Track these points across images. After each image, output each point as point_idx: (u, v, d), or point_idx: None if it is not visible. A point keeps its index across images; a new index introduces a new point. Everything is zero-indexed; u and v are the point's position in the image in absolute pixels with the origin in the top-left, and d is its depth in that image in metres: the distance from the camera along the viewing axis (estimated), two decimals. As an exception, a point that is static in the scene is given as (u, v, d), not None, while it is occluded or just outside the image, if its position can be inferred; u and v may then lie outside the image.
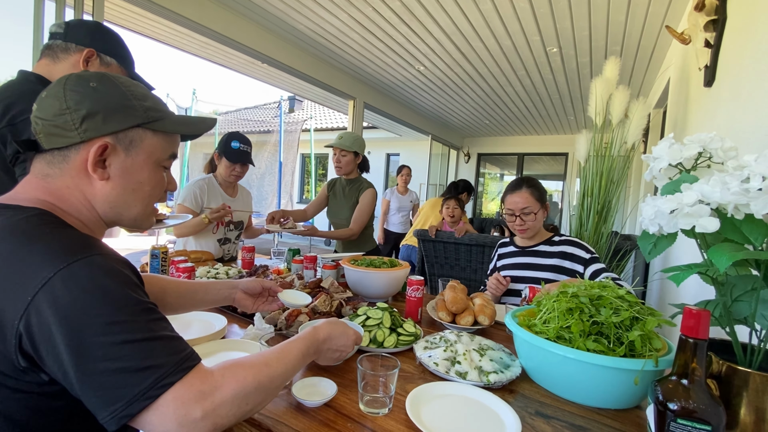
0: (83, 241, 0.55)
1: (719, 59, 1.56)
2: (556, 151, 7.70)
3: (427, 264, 3.37)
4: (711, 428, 0.55)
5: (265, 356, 0.62)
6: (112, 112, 0.60)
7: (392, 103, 5.50)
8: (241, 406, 0.54)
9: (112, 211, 0.64)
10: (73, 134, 0.58)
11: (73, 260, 0.50)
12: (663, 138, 0.79)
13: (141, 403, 0.48)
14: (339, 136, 2.30)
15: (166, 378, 0.50)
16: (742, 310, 0.68)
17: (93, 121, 0.59)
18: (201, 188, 2.01)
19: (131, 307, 0.52)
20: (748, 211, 0.60)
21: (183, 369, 0.52)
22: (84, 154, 0.60)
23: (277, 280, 1.36)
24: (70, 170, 0.60)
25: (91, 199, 0.62)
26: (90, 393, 0.48)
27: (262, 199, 7.27)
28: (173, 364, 0.51)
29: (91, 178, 0.61)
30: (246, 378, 0.56)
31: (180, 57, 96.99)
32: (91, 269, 0.51)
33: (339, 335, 0.81)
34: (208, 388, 0.52)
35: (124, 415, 0.48)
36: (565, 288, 0.92)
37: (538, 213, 1.55)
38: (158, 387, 0.49)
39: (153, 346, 0.51)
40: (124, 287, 0.53)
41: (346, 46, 3.66)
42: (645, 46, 3.19)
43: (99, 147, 0.59)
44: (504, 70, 4.04)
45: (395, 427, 0.70)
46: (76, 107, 0.58)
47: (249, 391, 0.55)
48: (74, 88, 0.60)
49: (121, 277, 0.54)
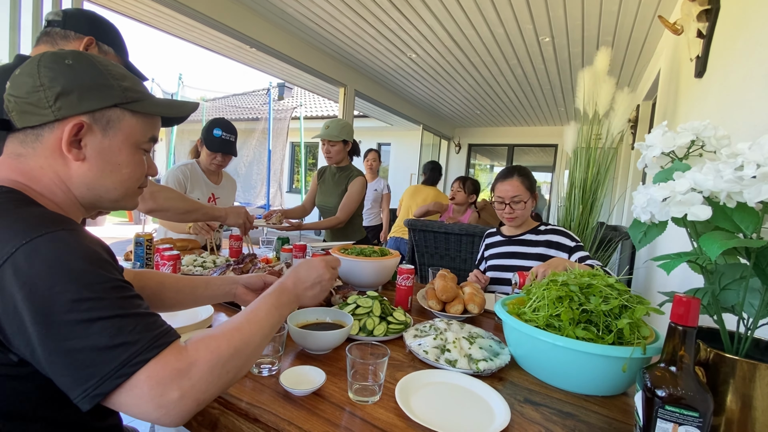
0: (50, 217, 0.53)
1: (711, 50, 1.56)
2: (545, 142, 7.74)
3: (417, 254, 3.37)
4: (699, 414, 0.56)
5: (234, 321, 0.60)
6: (88, 90, 0.57)
7: (383, 92, 5.43)
8: (221, 375, 0.53)
9: (90, 193, 0.62)
10: (46, 112, 0.56)
11: (36, 235, 0.48)
12: (654, 127, 0.78)
13: (113, 381, 0.46)
14: (325, 125, 2.24)
15: (140, 355, 0.47)
16: (730, 299, 0.68)
17: (67, 99, 0.56)
18: (183, 173, 1.96)
19: (100, 284, 0.49)
20: (741, 199, 0.60)
21: (158, 345, 0.49)
22: (58, 133, 0.57)
23: (266, 269, 1.34)
24: (44, 150, 0.58)
25: (66, 180, 0.59)
26: (60, 372, 0.47)
27: (251, 188, 7.17)
28: (147, 341, 0.49)
29: (65, 158, 0.58)
30: (220, 347, 0.54)
31: (165, 40, 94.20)
32: (56, 244, 0.49)
33: (306, 271, 0.78)
34: (184, 365, 0.50)
35: (96, 394, 0.46)
36: (555, 276, 0.92)
37: (528, 202, 1.56)
38: (131, 365, 0.47)
39: (125, 323, 0.49)
40: (93, 264, 0.50)
41: (337, 32, 3.58)
42: (636, 38, 3.19)
43: (74, 126, 0.57)
44: (496, 59, 4.02)
45: (384, 415, 0.69)
46: (50, 84, 0.56)
47: (226, 359, 0.54)
48: (49, 65, 0.57)
49: (89, 254, 0.51)
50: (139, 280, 0.83)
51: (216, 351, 0.53)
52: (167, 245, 1.41)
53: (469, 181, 3.40)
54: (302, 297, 0.76)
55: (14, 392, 0.51)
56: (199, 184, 2.00)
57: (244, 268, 1.40)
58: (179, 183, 1.93)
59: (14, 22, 1.98)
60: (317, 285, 0.79)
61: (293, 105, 7.86)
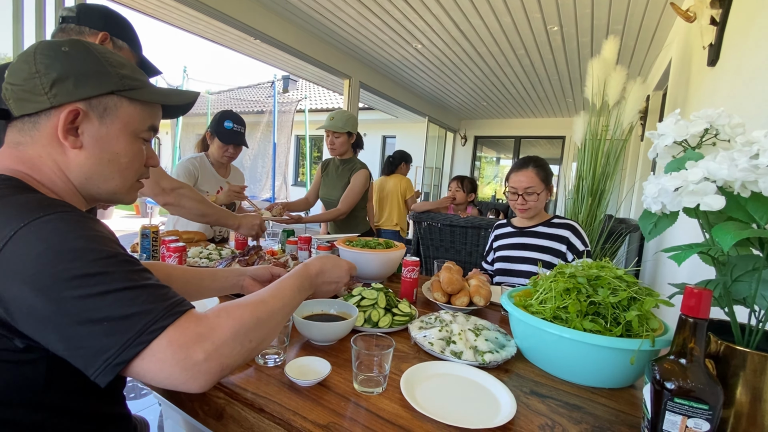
0: (48, 201, 0.52)
1: (724, 37, 1.52)
2: (553, 134, 7.65)
3: (422, 246, 3.37)
4: (708, 407, 0.55)
5: (260, 294, 0.61)
6: (84, 76, 0.57)
7: (389, 83, 5.39)
8: (243, 343, 0.53)
9: (89, 183, 0.61)
10: (42, 99, 0.55)
11: (34, 218, 0.48)
12: (667, 116, 0.76)
13: (134, 349, 0.46)
14: (330, 117, 2.23)
15: (157, 323, 0.47)
16: (742, 291, 0.67)
17: (63, 85, 0.56)
18: (194, 165, 1.97)
19: (105, 258, 0.49)
20: (756, 189, 0.58)
21: (174, 313, 0.49)
22: (54, 120, 0.57)
23: (271, 261, 1.34)
24: (41, 138, 0.57)
25: (64, 169, 0.59)
26: (75, 350, 0.46)
27: (256, 181, 7.19)
28: (162, 309, 0.49)
29: (63, 146, 0.58)
30: (243, 315, 0.54)
31: (169, 32, 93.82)
32: (56, 224, 0.48)
33: (331, 267, 0.81)
34: (206, 330, 0.50)
35: (118, 362, 0.45)
36: (563, 268, 0.91)
37: (541, 194, 1.54)
38: (149, 332, 0.46)
39: (136, 294, 0.48)
40: (95, 240, 0.50)
41: (341, 22, 3.54)
42: (647, 26, 3.12)
43: (69, 112, 0.56)
44: (503, 49, 3.95)
45: (390, 406, 0.69)
46: (45, 71, 0.55)
47: (249, 327, 0.54)
48: (45, 52, 0.57)
49: (89, 231, 0.50)
50: None
51: (240, 318, 0.54)
52: (173, 237, 1.42)
53: (467, 180, 3.49)
54: (318, 290, 0.78)
55: (18, 379, 0.51)
56: (207, 178, 2.01)
57: (249, 260, 1.40)
58: (191, 174, 1.94)
59: (17, 14, 1.98)
60: (333, 284, 0.82)
61: (298, 97, 7.83)
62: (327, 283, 0.80)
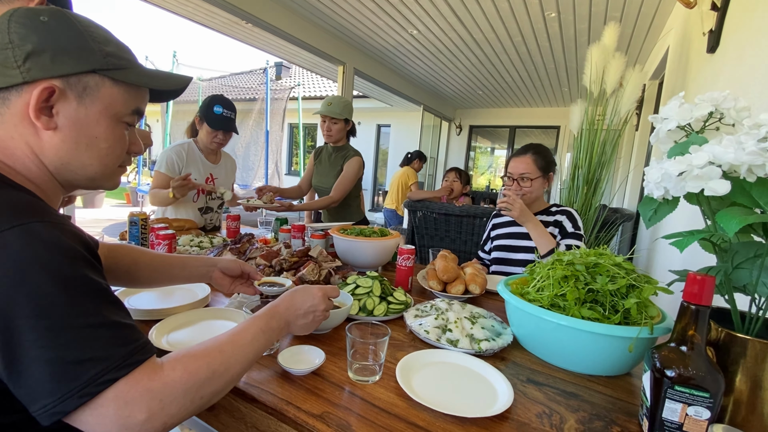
0: (23, 205, 0.47)
1: (725, 23, 1.49)
2: (548, 124, 7.63)
3: (417, 235, 3.36)
4: (709, 395, 0.54)
5: (219, 340, 0.56)
6: (63, 51, 0.51)
7: (384, 70, 5.30)
8: (194, 400, 0.49)
9: (65, 168, 0.56)
10: (14, 73, 0.50)
11: (5, 227, 0.43)
12: (670, 99, 0.74)
13: (77, 401, 0.42)
14: (327, 102, 2.17)
15: (109, 373, 0.43)
16: (742, 278, 0.66)
17: (39, 59, 0.50)
18: (178, 154, 1.88)
19: (76, 287, 0.45)
20: (763, 173, 0.57)
21: (130, 363, 0.45)
22: (26, 97, 0.51)
23: (264, 250, 1.32)
24: (12, 117, 0.52)
25: (38, 152, 0.54)
26: (19, 383, 0.42)
27: (248, 169, 7.09)
28: (119, 357, 0.44)
29: (35, 127, 0.53)
30: (199, 369, 0.50)
31: (158, 15, 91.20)
32: (29, 239, 0.44)
33: (302, 297, 0.73)
34: (157, 385, 0.46)
35: (56, 411, 0.42)
36: (561, 256, 0.90)
37: (536, 181, 1.52)
38: (99, 383, 0.42)
39: (97, 334, 0.44)
40: (69, 263, 0.45)
41: (335, 6, 3.46)
42: (645, 13, 3.08)
43: (43, 89, 0.51)
44: (500, 36, 3.90)
45: (385, 395, 0.68)
46: (19, 42, 0.50)
47: (202, 382, 0.50)
48: (20, 20, 0.51)
49: (66, 251, 0.46)
50: (113, 256, 0.80)
51: (194, 373, 0.50)
52: (162, 224, 1.38)
53: (464, 172, 3.73)
54: (293, 324, 0.71)
55: None
56: (195, 164, 1.94)
57: (241, 248, 1.38)
58: (172, 164, 1.86)
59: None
60: (310, 314, 0.73)
61: (291, 85, 7.70)
62: (301, 316, 0.72)
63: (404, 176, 4.56)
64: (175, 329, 0.87)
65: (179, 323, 0.90)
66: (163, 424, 0.46)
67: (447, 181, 3.64)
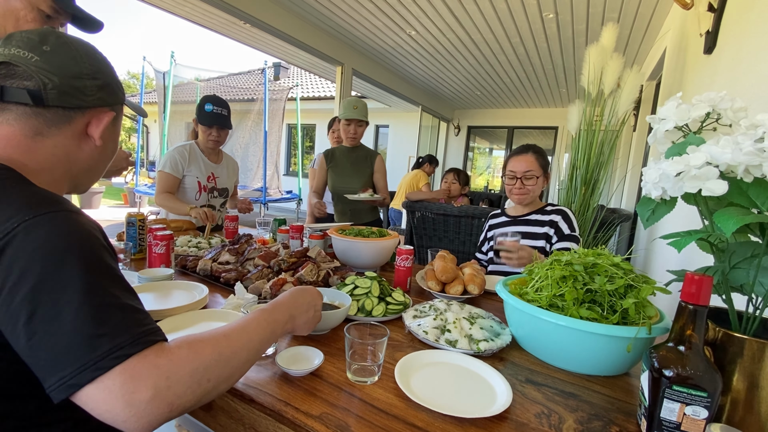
0: (50, 197, 0.54)
1: (722, 24, 1.50)
2: (546, 124, 7.65)
3: (416, 236, 3.36)
4: (707, 394, 0.54)
5: (225, 328, 0.58)
6: (115, 86, 0.66)
7: (382, 71, 5.31)
8: (201, 382, 0.49)
9: (83, 174, 0.67)
10: (88, 99, 0.61)
11: (38, 213, 0.48)
12: (668, 100, 0.74)
13: (91, 374, 0.43)
14: (352, 105, 2.16)
15: (123, 349, 0.45)
16: (739, 278, 0.66)
17: (105, 91, 0.63)
18: (181, 154, 1.93)
19: (98, 270, 0.49)
20: (760, 173, 0.57)
21: (143, 342, 0.47)
22: (87, 119, 0.62)
23: (262, 250, 1.32)
24: (69, 131, 0.61)
25: (73, 161, 0.63)
26: (38, 355, 0.45)
27: (247, 170, 7.07)
28: (134, 336, 0.47)
29: (82, 142, 0.63)
30: (205, 349, 0.51)
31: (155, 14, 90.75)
32: (58, 224, 0.49)
33: (300, 293, 0.77)
34: (164, 363, 0.47)
35: (72, 384, 0.43)
36: (559, 256, 0.90)
37: (540, 179, 1.54)
38: (112, 357, 0.44)
39: (114, 313, 0.47)
40: (93, 248, 0.50)
41: (334, 6, 3.46)
42: (643, 14, 3.10)
43: (111, 116, 0.65)
44: (498, 37, 3.91)
45: (384, 396, 0.68)
46: (93, 75, 0.61)
47: (208, 365, 0.50)
48: (89, 55, 0.62)
49: (90, 238, 0.51)
50: None
51: (201, 353, 0.50)
52: (160, 225, 1.38)
53: (463, 172, 3.78)
54: (297, 319, 0.73)
55: None
56: (197, 163, 1.98)
57: (239, 248, 1.37)
58: (176, 164, 1.91)
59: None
60: (311, 309, 0.77)
61: (289, 85, 7.69)
62: (304, 311, 0.75)
63: (415, 178, 4.57)
64: (172, 331, 0.87)
65: (177, 325, 0.89)
66: (169, 404, 0.46)
67: (446, 182, 3.67)
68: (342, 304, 0.96)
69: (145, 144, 10.50)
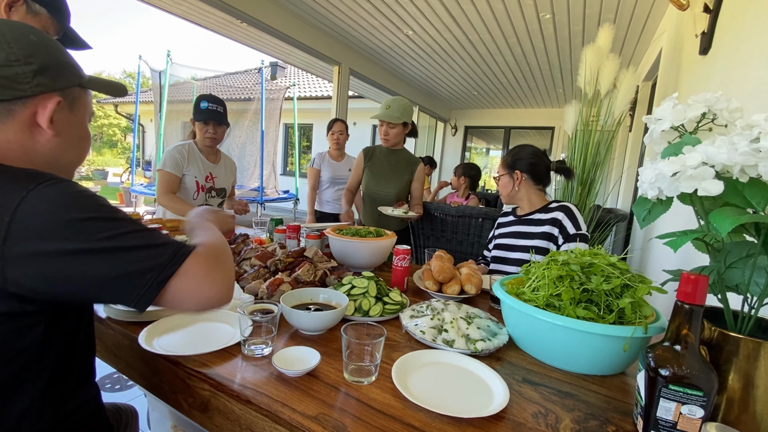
0: (47, 173, 0.56)
1: (717, 24, 1.51)
2: (542, 124, 7.67)
3: (413, 236, 3.36)
4: (703, 394, 0.54)
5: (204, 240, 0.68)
6: (60, 68, 0.60)
7: (379, 71, 5.30)
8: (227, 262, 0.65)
9: (52, 166, 0.63)
10: (23, 87, 0.56)
11: (41, 182, 0.52)
12: (664, 100, 0.74)
13: (171, 268, 0.55)
14: (386, 105, 2.04)
15: (183, 248, 0.58)
16: (735, 278, 0.66)
17: (44, 76, 0.58)
18: (181, 153, 1.94)
19: (117, 212, 0.56)
20: (756, 173, 0.57)
21: (188, 247, 0.59)
22: (32, 108, 0.58)
23: (258, 250, 1.31)
24: (14, 124, 0.58)
25: (31, 154, 0.60)
26: (111, 282, 0.52)
27: (244, 170, 7.04)
28: (179, 243, 0.59)
29: (34, 133, 0.59)
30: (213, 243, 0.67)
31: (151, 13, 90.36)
32: (64, 186, 0.54)
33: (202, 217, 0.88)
34: (206, 250, 0.62)
35: (160, 280, 0.54)
36: (556, 256, 0.90)
37: (505, 177, 1.60)
38: (181, 255, 0.57)
39: (155, 234, 0.58)
40: (104, 201, 0.57)
41: (331, 6, 3.45)
42: (639, 15, 3.11)
43: (57, 102, 0.59)
44: (495, 37, 3.91)
45: (381, 396, 0.68)
46: (26, 60, 0.56)
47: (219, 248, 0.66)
48: (18, 38, 0.56)
49: (97, 195, 0.57)
50: None
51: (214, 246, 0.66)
52: (156, 225, 1.37)
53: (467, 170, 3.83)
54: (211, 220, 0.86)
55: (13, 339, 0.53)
56: (196, 163, 1.99)
57: (236, 248, 1.37)
58: (177, 162, 1.91)
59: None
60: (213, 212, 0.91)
61: (286, 85, 7.67)
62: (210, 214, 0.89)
63: None
64: (168, 331, 0.86)
65: (173, 325, 0.89)
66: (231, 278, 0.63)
67: (455, 177, 3.82)
68: (339, 304, 0.96)
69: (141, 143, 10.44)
